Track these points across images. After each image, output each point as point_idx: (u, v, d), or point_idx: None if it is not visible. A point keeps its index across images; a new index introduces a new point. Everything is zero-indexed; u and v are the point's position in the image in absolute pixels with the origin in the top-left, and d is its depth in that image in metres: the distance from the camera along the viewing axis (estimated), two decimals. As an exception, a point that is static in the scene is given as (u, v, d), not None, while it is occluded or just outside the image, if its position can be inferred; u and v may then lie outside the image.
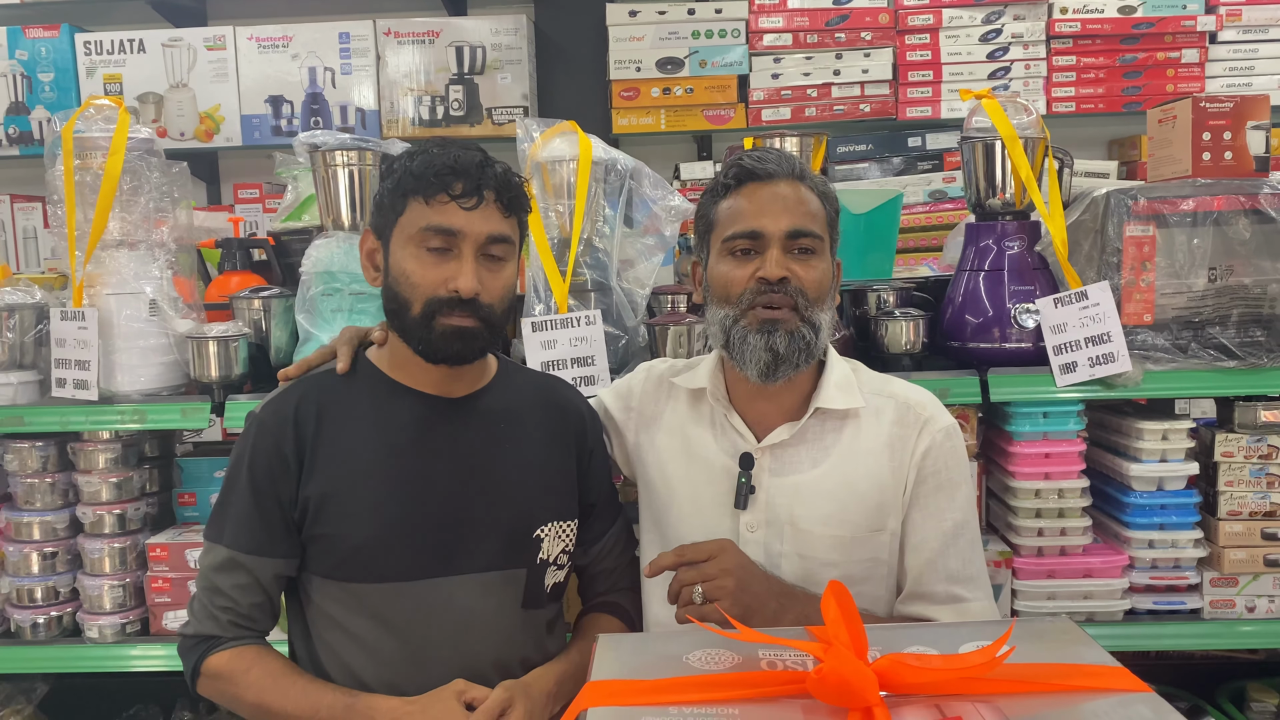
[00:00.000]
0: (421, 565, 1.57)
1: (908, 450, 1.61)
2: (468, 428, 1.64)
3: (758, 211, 1.58)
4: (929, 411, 1.65)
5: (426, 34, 3.74)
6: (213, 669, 1.58)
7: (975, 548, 1.63)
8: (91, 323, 2.10)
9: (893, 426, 1.63)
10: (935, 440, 1.61)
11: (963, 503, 1.63)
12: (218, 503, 1.64)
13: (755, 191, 1.60)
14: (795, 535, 1.60)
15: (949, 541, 1.60)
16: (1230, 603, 2.08)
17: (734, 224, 1.60)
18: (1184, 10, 3.58)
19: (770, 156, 1.62)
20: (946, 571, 1.60)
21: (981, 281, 2.13)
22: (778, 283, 1.56)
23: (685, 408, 1.74)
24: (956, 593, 1.59)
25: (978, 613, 1.58)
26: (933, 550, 1.60)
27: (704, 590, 1.44)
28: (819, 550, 1.59)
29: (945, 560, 1.60)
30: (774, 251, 1.57)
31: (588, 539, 1.76)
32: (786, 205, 1.58)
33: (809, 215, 1.59)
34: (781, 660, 1.05)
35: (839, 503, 1.60)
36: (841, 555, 1.58)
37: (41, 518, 2.23)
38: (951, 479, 1.62)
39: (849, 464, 1.61)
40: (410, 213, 1.55)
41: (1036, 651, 1.01)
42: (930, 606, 1.59)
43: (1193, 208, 1.99)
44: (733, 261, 1.60)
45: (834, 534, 1.59)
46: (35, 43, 3.76)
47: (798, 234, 1.57)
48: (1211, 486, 2.10)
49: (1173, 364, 2.01)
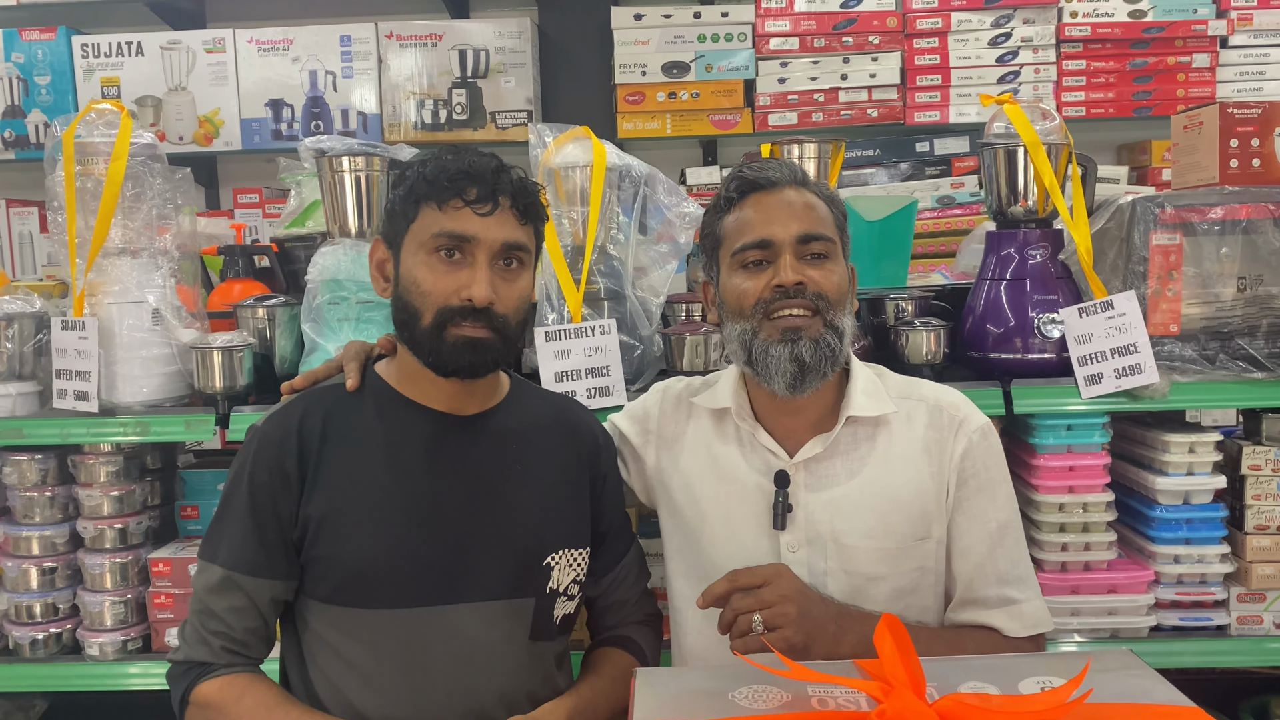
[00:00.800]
0: (425, 591, 1.51)
1: (946, 453, 1.58)
2: (478, 447, 1.58)
3: (765, 220, 1.54)
4: (963, 412, 1.61)
5: (429, 37, 3.69)
6: (202, 698, 1.50)
7: (1020, 546, 1.60)
8: (92, 332, 2.05)
9: (927, 430, 1.59)
10: (972, 441, 1.58)
11: (1004, 502, 1.60)
12: (214, 519, 1.57)
13: (760, 201, 1.57)
14: (839, 551, 1.55)
15: (995, 543, 1.57)
16: (1258, 619, 2.04)
17: (742, 235, 1.56)
18: (1195, 15, 3.55)
19: (771, 165, 1.59)
20: (996, 574, 1.57)
21: (1004, 290, 2.09)
22: (794, 288, 1.51)
23: (709, 427, 1.69)
24: (1008, 594, 1.56)
25: (1031, 613, 1.56)
26: (980, 554, 1.57)
27: (764, 618, 1.38)
28: (865, 565, 1.54)
29: (994, 563, 1.57)
30: (787, 258, 1.53)
31: (599, 569, 1.69)
32: (794, 211, 1.55)
33: (818, 219, 1.56)
34: (832, 698, 0.99)
35: (880, 514, 1.55)
36: (888, 568, 1.53)
37: (41, 532, 2.17)
38: (991, 479, 1.58)
39: (887, 472, 1.57)
40: (422, 219, 1.49)
41: (1104, 689, 0.96)
42: (984, 612, 1.56)
43: (1221, 216, 1.95)
44: (745, 274, 1.56)
45: (879, 546, 1.54)
46: (32, 45, 3.70)
47: (809, 238, 1.54)
48: (1238, 500, 2.05)
49: (1200, 375, 1.97)
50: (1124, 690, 0.97)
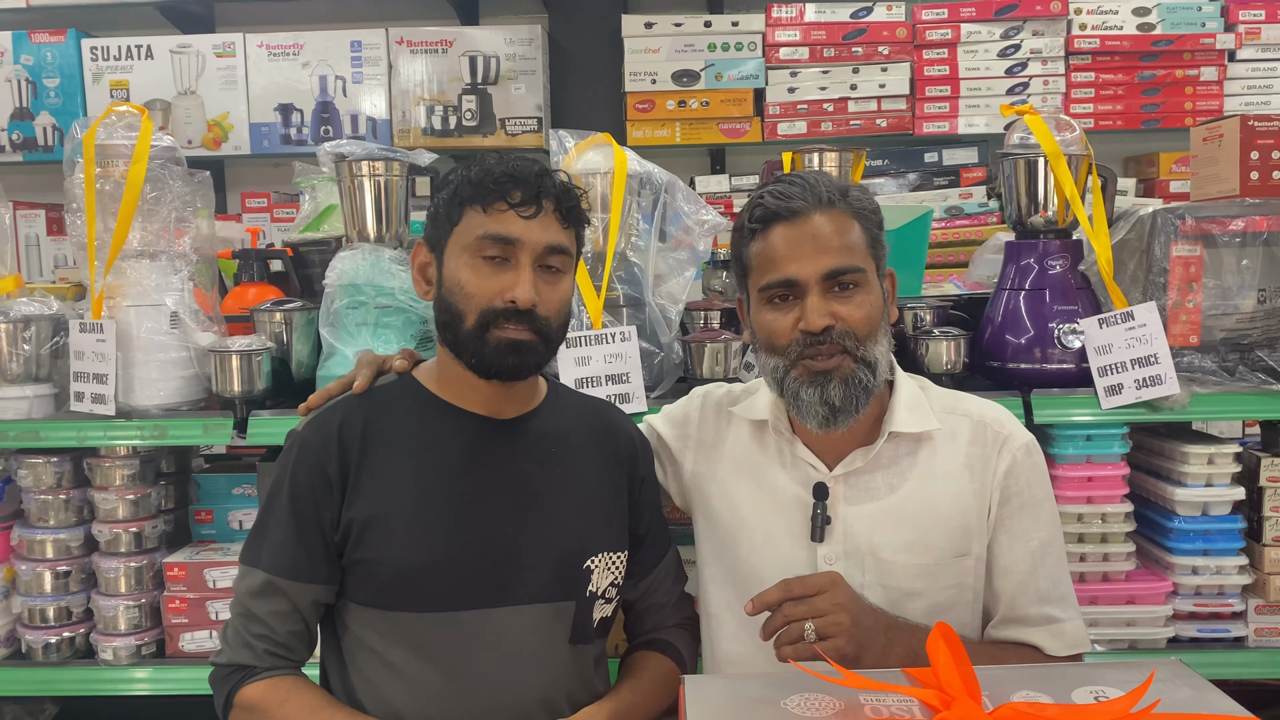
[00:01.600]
0: (468, 595, 1.51)
1: (989, 470, 1.55)
2: (518, 451, 1.58)
3: (789, 256, 1.49)
4: (1006, 429, 1.59)
5: (439, 43, 3.70)
6: (247, 701, 1.50)
7: (1062, 565, 1.59)
8: (110, 335, 2.04)
9: (970, 446, 1.57)
10: (1016, 458, 1.56)
11: (1047, 519, 1.58)
12: (255, 524, 1.57)
13: (784, 233, 1.50)
14: (877, 565, 1.53)
15: (1038, 561, 1.55)
16: (1276, 630, 2.04)
17: (767, 272, 1.51)
18: (1203, 28, 3.57)
19: (795, 190, 1.51)
20: (1038, 593, 1.55)
21: (1023, 301, 2.09)
22: (822, 333, 1.48)
23: (748, 437, 1.67)
24: (1050, 613, 1.54)
25: (1072, 633, 1.54)
26: (1023, 572, 1.55)
27: (816, 627, 1.36)
28: (903, 580, 1.53)
29: (1036, 581, 1.55)
30: (813, 299, 1.48)
31: (637, 572, 1.69)
32: (819, 244, 1.49)
33: (846, 249, 1.50)
34: (886, 706, 0.99)
35: (920, 529, 1.54)
36: (926, 583, 1.52)
37: (55, 535, 2.16)
38: (1035, 496, 1.56)
39: (928, 488, 1.55)
40: (466, 222, 1.50)
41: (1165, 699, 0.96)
42: (1025, 630, 1.54)
43: (1241, 228, 1.96)
44: (773, 311, 1.52)
45: (917, 562, 1.53)
46: (41, 48, 3.70)
47: (835, 274, 1.48)
48: (1257, 512, 2.06)
49: (1220, 387, 1.98)
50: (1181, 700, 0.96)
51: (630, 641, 1.79)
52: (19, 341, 2.10)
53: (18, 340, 2.09)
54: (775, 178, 1.58)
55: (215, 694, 1.55)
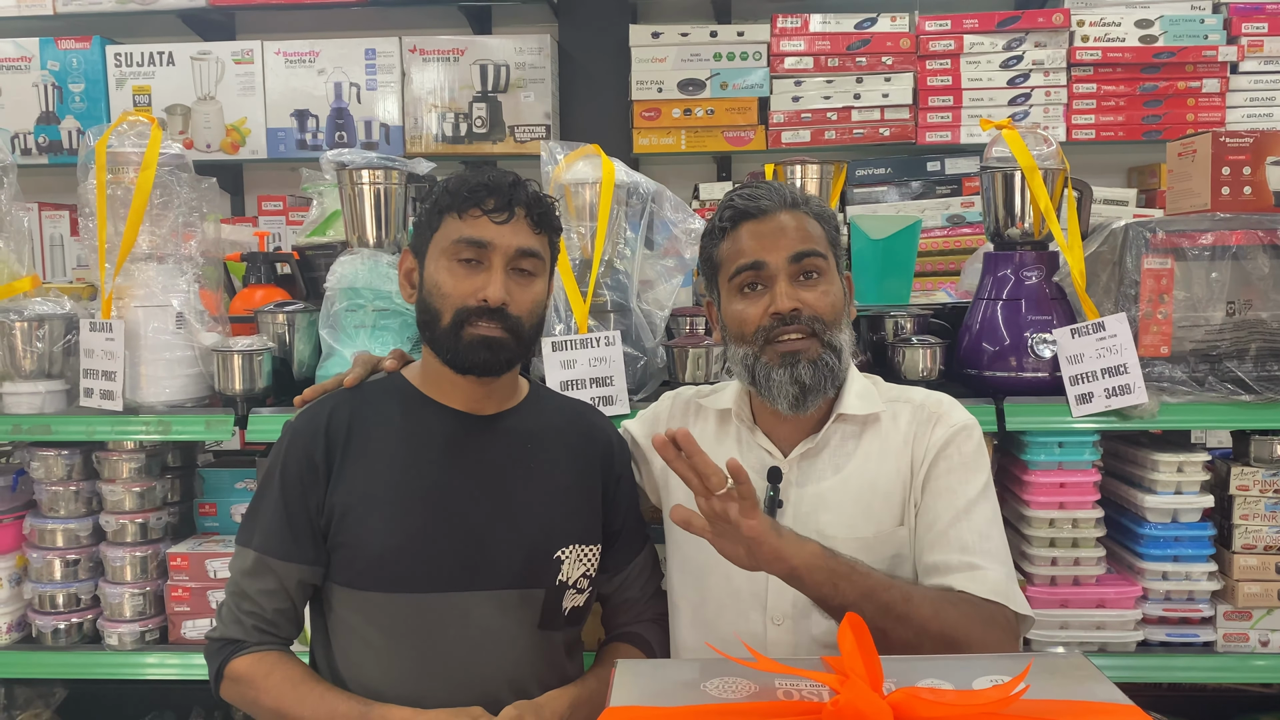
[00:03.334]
0: (438, 578, 1.60)
1: (923, 443, 1.64)
2: (494, 445, 1.68)
3: (758, 246, 1.62)
4: (944, 408, 1.68)
5: (452, 51, 3.78)
6: (235, 672, 1.61)
7: (994, 527, 1.59)
8: (119, 334, 2.14)
9: (909, 425, 1.66)
10: (951, 432, 1.63)
11: (978, 488, 1.60)
12: (250, 507, 1.69)
13: (752, 228, 1.64)
14: (823, 542, 1.56)
15: (961, 516, 1.57)
16: (1244, 636, 2.08)
17: (736, 259, 1.64)
18: (1205, 40, 3.59)
19: (761, 192, 1.65)
20: (960, 543, 1.55)
21: (999, 310, 2.14)
22: (790, 314, 1.59)
23: (712, 429, 1.77)
24: (972, 561, 1.54)
25: (994, 580, 1.52)
26: (944, 523, 1.57)
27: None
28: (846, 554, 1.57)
29: (958, 532, 1.56)
30: (781, 284, 1.60)
31: (611, 566, 1.78)
32: (785, 234, 1.62)
33: (809, 237, 1.63)
34: (798, 690, 1.06)
35: (863, 504, 1.62)
36: (868, 555, 1.55)
37: (65, 525, 2.26)
38: (965, 463, 1.61)
39: (870, 465, 1.64)
40: (445, 228, 1.62)
41: (1050, 688, 1.02)
42: (944, 576, 1.54)
43: (1211, 241, 2.00)
44: (744, 300, 1.64)
45: (859, 536, 1.60)
46: (67, 54, 3.81)
47: (801, 256, 1.61)
48: (1226, 520, 2.10)
49: (1189, 397, 2.02)
50: (1068, 690, 1.02)
51: (606, 634, 1.87)
52: (33, 339, 2.19)
53: (31, 338, 2.19)
54: (741, 184, 1.72)
55: (209, 665, 1.66)
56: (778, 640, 1.63)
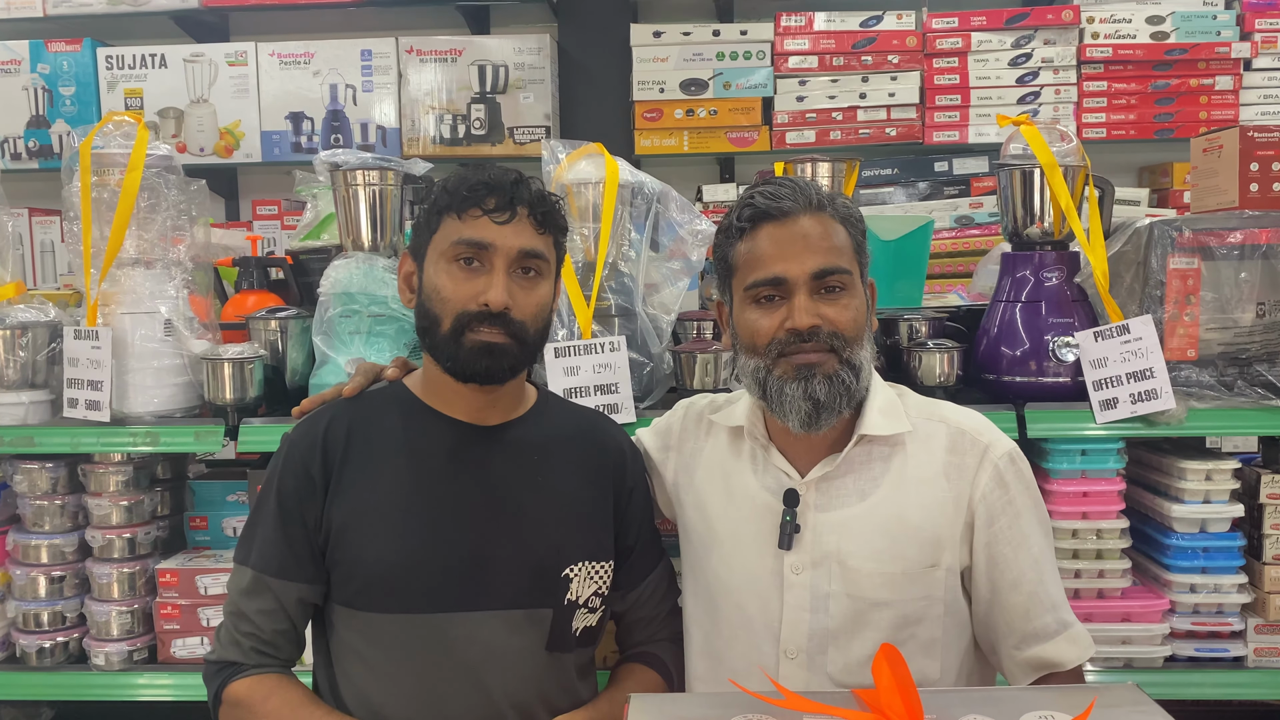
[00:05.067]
0: (441, 598, 1.52)
1: (967, 480, 1.52)
2: (499, 458, 1.60)
3: (778, 255, 1.49)
4: (986, 437, 1.56)
5: (449, 52, 3.71)
6: (233, 696, 1.55)
7: (1056, 569, 1.58)
8: (105, 342, 2.06)
9: (948, 454, 1.54)
10: (1000, 467, 1.53)
11: (1040, 525, 1.56)
12: (247, 523, 1.62)
13: (773, 233, 1.51)
14: (844, 574, 1.51)
15: (1043, 569, 1.53)
16: (1276, 650, 2.00)
17: (754, 270, 1.51)
18: (1218, 37, 3.52)
19: (785, 191, 1.52)
20: (1050, 600, 1.52)
21: (1018, 313, 2.07)
22: (808, 331, 1.48)
23: (725, 444, 1.67)
24: (1064, 618, 1.53)
25: (1082, 635, 1.53)
26: (1032, 581, 1.52)
27: None
28: (869, 589, 1.50)
29: (1045, 589, 1.52)
30: (800, 298, 1.48)
31: (625, 584, 1.69)
32: (809, 244, 1.49)
33: (834, 250, 1.50)
34: (828, 727, 0.98)
35: (890, 537, 1.51)
36: (893, 594, 1.49)
37: (50, 541, 2.18)
38: (1026, 504, 1.54)
39: (900, 495, 1.53)
40: (444, 229, 1.54)
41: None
42: (1048, 644, 1.51)
43: (1240, 240, 1.93)
44: (758, 310, 1.52)
45: (885, 570, 1.50)
46: (57, 56, 3.75)
47: (824, 273, 1.49)
48: (1257, 529, 2.02)
49: (1218, 402, 1.94)
50: (1124, 725, 0.95)
51: (620, 653, 1.79)
52: (15, 348, 2.11)
53: (14, 347, 2.11)
54: (764, 180, 1.59)
55: (207, 689, 1.60)
56: (790, 675, 1.52)
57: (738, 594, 1.44)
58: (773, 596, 1.54)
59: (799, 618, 1.51)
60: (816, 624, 1.51)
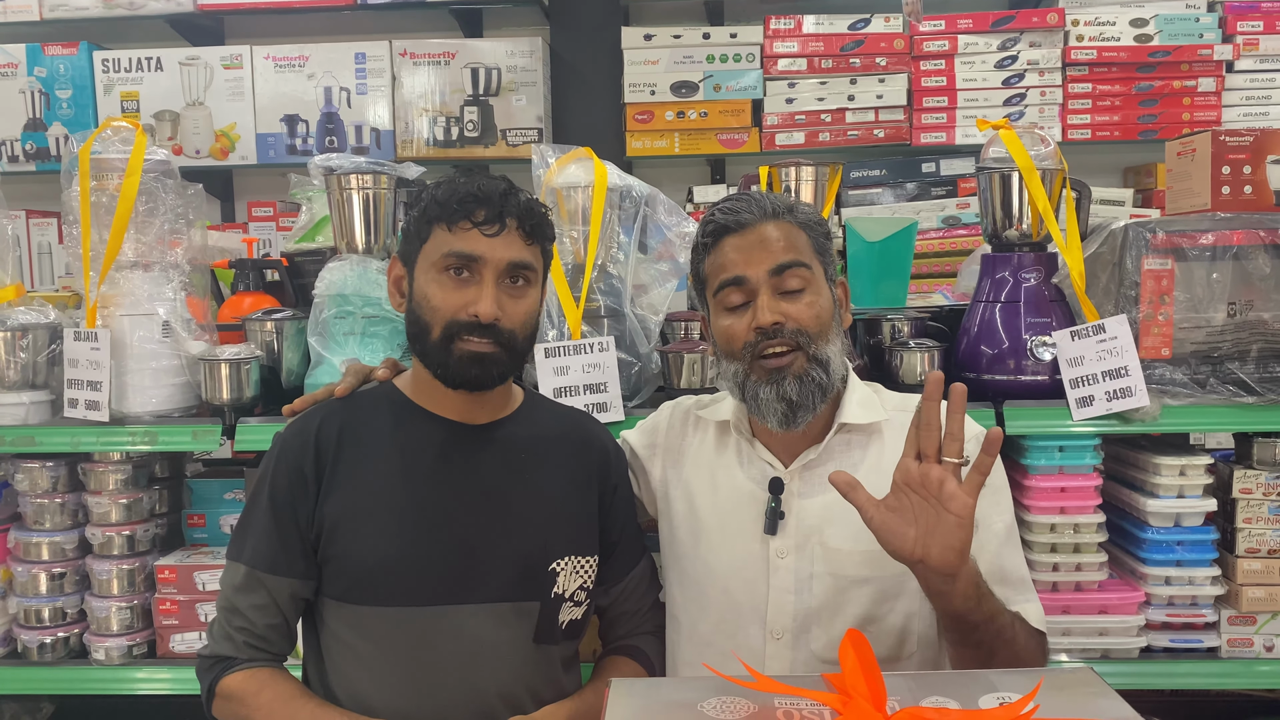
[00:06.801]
0: (430, 591, 1.57)
1: None
2: (486, 455, 1.64)
3: (740, 260, 1.59)
4: None
5: (442, 55, 3.75)
6: (226, 690, 1.58)
7: (1019, 550, 1.63)
8: (104, 344, 2.10)
9: None
10: (969, 450, 1.57)
11: (1006, 506, 1.63)
12: (240, 520, 1.66)
13: (734, 242, 1.60)
14: (825, 554, 1.58)
15: (1002, 544, 1.59)
16: (1248, 641, 2.05)
17: (719, 275, 1.61)
18: (1201, 39, 3.57)
19: (742, 205, 1.62)
20: (1003, 576, 1.57)
21: (997, 313, 2.11)
22: (772, 328, 1.55)
23: (712, 439, 1.74)
24: (1010, 597, 1.56)
25: (1034, 615, 1.56)
26: (990, 555, 1.57)
27: None
28: (849, 568, 1.57)
29: (1001, 564, 1.58)
30: (763, 297, 1.56)
31: (609, 578, 1.74)
32: (766, 246, 1.58)
33: (792, 248, 1.59)
34: (798, 710, 1.03)
35: None
36: (872, 570, 1.55)
37: (50, 538, 2.22)
38: (993, 483, 1.57)
39: (878, 478, 1.56)
40: (434, 239, 1.57)
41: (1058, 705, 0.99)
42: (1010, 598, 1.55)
43: (1212, 241, 1.97)
44: (729, 315, 1.61)
45: (864, 549, 1.54)
46: (54, 60, 3.78)
47: (782, 268, 1.57)
48: (1229, 523, 2.07)
49: (1191, 399, 1.99)
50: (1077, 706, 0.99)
51: (603, 646, 1.84)
52: (16, 349, 2.15)
53: (15, 348, 2.15)
54: (726, 197, 1.69)
55: (200, 683, 1.63)
56: (776, 655, 1.59)
57: (725, 580, 1.50)
58: (759, 580, 1.61)
59: (784, 599, 1.58)
60: (800, 604, 1.59)
